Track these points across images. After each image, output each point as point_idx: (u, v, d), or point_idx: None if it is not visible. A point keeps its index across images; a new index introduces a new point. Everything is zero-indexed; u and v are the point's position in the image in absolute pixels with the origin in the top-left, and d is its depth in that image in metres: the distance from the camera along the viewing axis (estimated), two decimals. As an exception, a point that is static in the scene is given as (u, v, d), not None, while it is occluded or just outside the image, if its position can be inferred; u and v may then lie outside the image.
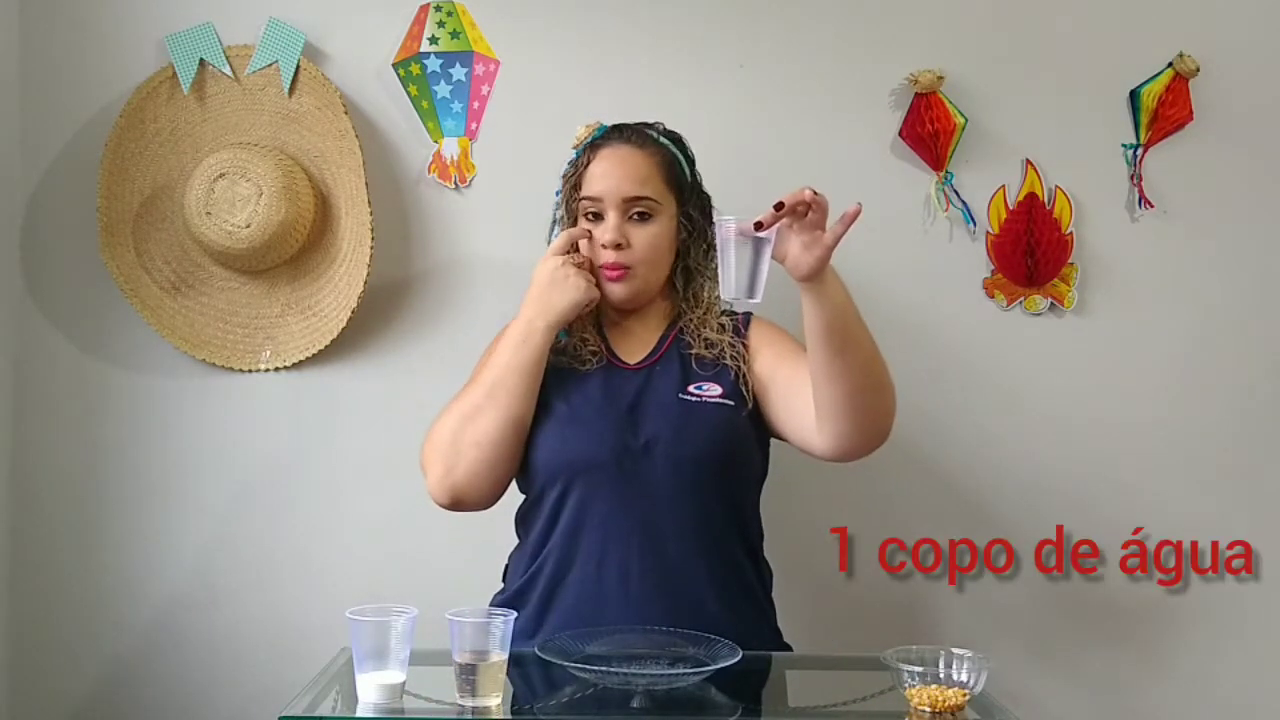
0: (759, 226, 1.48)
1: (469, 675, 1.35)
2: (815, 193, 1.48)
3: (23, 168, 2.13)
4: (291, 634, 2.11)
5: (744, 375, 1.73)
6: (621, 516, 1.65)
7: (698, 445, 1.67)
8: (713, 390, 1.71)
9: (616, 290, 1.74)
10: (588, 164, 1.75)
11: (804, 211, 1.48)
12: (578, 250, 1.73)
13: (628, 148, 1.76)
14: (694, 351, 1.74)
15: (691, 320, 1.78)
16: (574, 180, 1.76)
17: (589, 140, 1.77)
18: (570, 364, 1.74)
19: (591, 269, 1.73)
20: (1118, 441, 2.16)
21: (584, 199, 1.74)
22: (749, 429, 1.72)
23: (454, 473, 1.67)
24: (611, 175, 1.73)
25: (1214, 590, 2.16)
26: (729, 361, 1.73)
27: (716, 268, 1.80)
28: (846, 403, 1.59)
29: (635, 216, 1.73)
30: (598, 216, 1.74)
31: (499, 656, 1.36)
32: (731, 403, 1.71)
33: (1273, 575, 2.17)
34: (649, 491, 1.65)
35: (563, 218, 1.79)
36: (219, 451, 2.14)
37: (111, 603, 2.14)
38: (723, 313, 1.81)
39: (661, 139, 1.78)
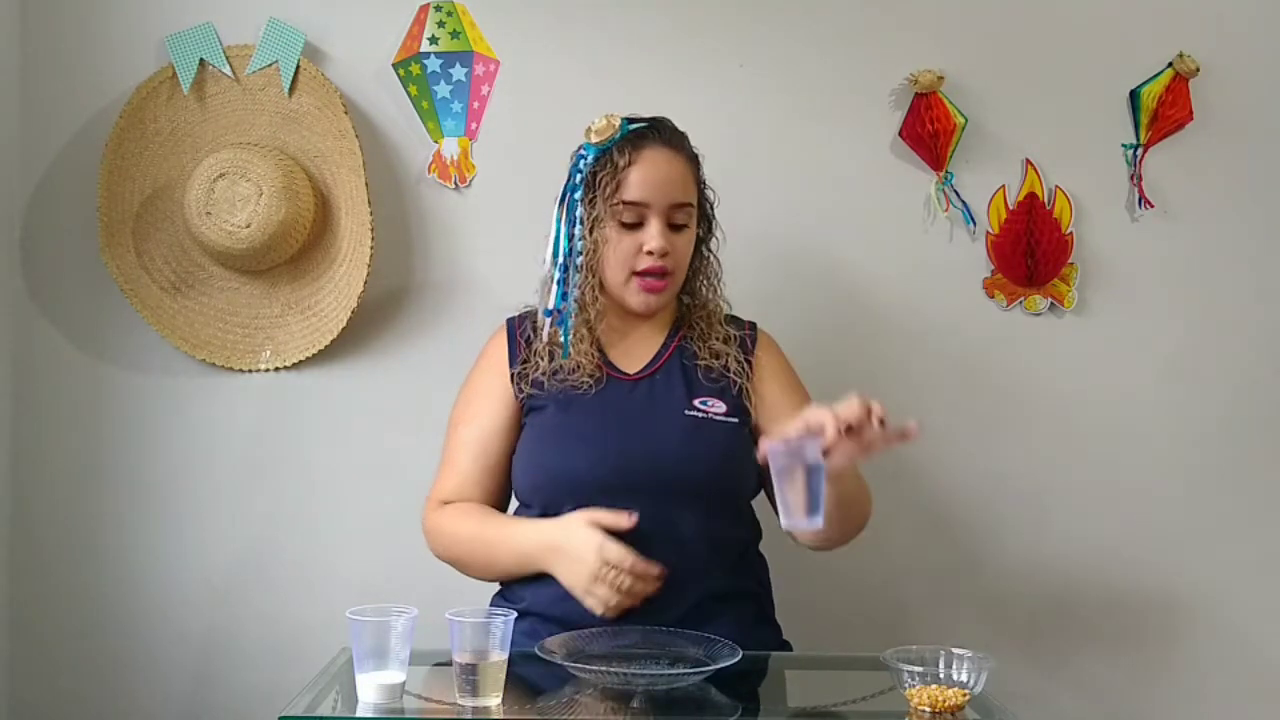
0: (826, 453, 1.41)
1: (469, 675, 1.35)
2: (880, 413, 1.47)
3: (23, 168, 2.13)
4: (291, 634, 2.11)
5: (747, 391, 1.72)
6: (629, 533, 1.60)
7: (703, 465, 1.66)
8: (717, 407, 1.70)
9: (654, 300, 1.71)
10: (629, 165, 1.68)
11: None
12: (623, 573, 1.56)
13: (669, 150, 1.71)
14: (699, 363, 1.73)
15: (696, 326, 1.76)
16: (613, 182, 1.68)
17: (616, 138, 1.70)
18: (567, 381, 1.70)
19: (624, 276, 1.71)
20: (1117, 441, 2.16)
21: (627, 204, 1.68)
22: (749, 445, 1.71)
23: (450, 565, 1.76)
24: (658, 183, 1.69)
25: (1214, 590, 2.16)
26: (733, 375, 1.72)
27: (717, 273, 1.81)
28: (833, 527, 1.61)
29: (673, 226, 1.70)
30: (635, 223, 1.69)
31: (499, 656, 1.36)
32: (735, 420, 1.71)
33: (1273, 575, 2.17)
34: (653, 507, 1.62)
35: (593, 218, 1.69)
36: (219, 451, 2.14)
37: (111, 602, 2.14)
38: (728, 319, 1.80)
39: (686, 141, 1.77)
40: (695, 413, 1.69)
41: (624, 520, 1.57)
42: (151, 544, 2.14)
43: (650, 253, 1.68)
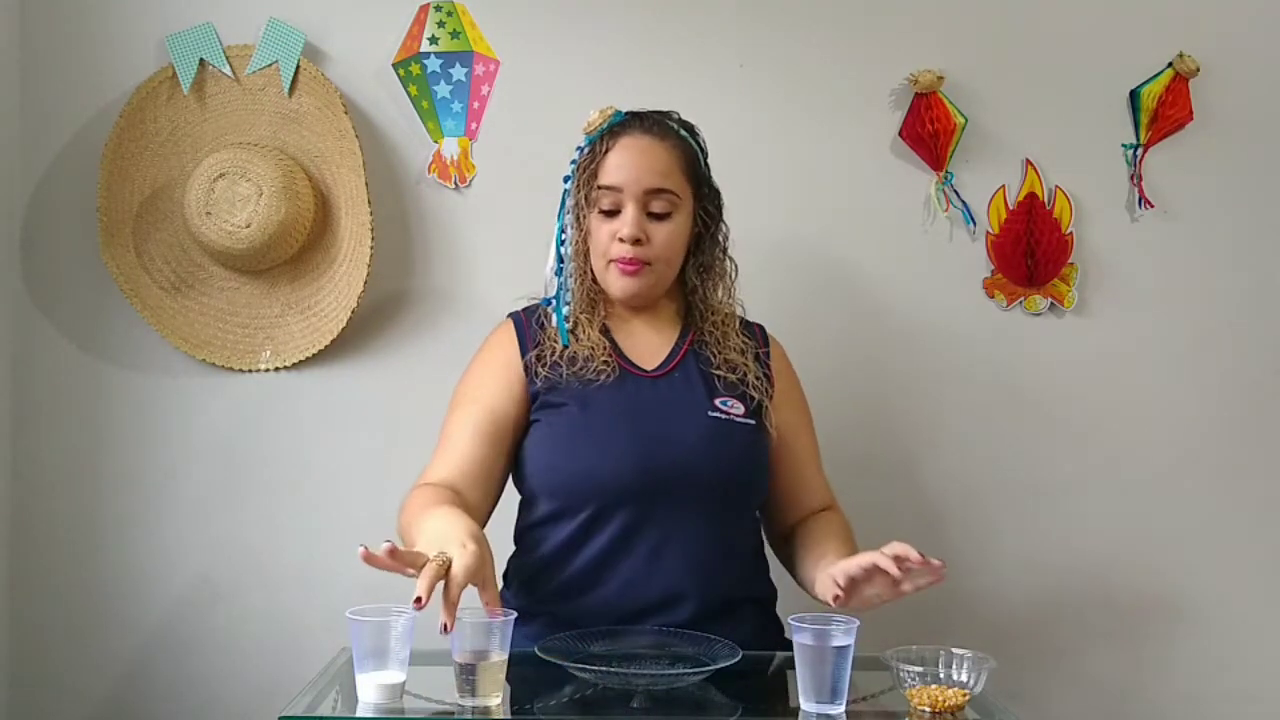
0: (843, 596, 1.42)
1: (469, 675, 1.34)
2: (904, 553, 1.46)
3: (23, 168, 2.13)
4: (291, 634, 2.11)
5: (766, 409, 1.73)
6: (652, 537, 1.61)
7: (729, 467, 1.66)
8: (737, 408, 1.69)
9: (630, 285, 1.69)
10: (606, 151, 1.68)
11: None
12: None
13: (649, 138, 1.69)
14: (716, 371, 1.71)
15: (707, 332, 1.75)
16: (591, 168, 1.68)
17: (605, 127, 1.70)
18: (579, 375, 1.68)
19: (604, 264, 1.70)
20: (1117, 441, 2.16)
21: (602, 188, 1.68)
22: (767, 447, 1.73)
23: None
24: (632, 166, 1.67)
25: (1213, 590, 2.16)
26: (752, 391, 1.71)
27: (729, 274, 1.79)
28: None
29: (654, 214, 1.68)
30: (612, 208, 1.68)
31: (499, 656, 1.36)
32: (753, 422, 1.70)
33: (1273, 575, 2.17)
34: (675, 509, 1.62)
35: (576, 206, 1.70)
36: (219, 451, 2.14)
37: (111, 602, 2.14)
38: (746, 324, 1.80)
39: (680, 130, 1.74)
40: (717, 413, 1.67)
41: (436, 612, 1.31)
42: (151, 544, 2.14)
43: (622, 240, 1.67)
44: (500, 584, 1.78)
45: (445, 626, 1.27)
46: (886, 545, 1.49)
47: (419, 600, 1.26)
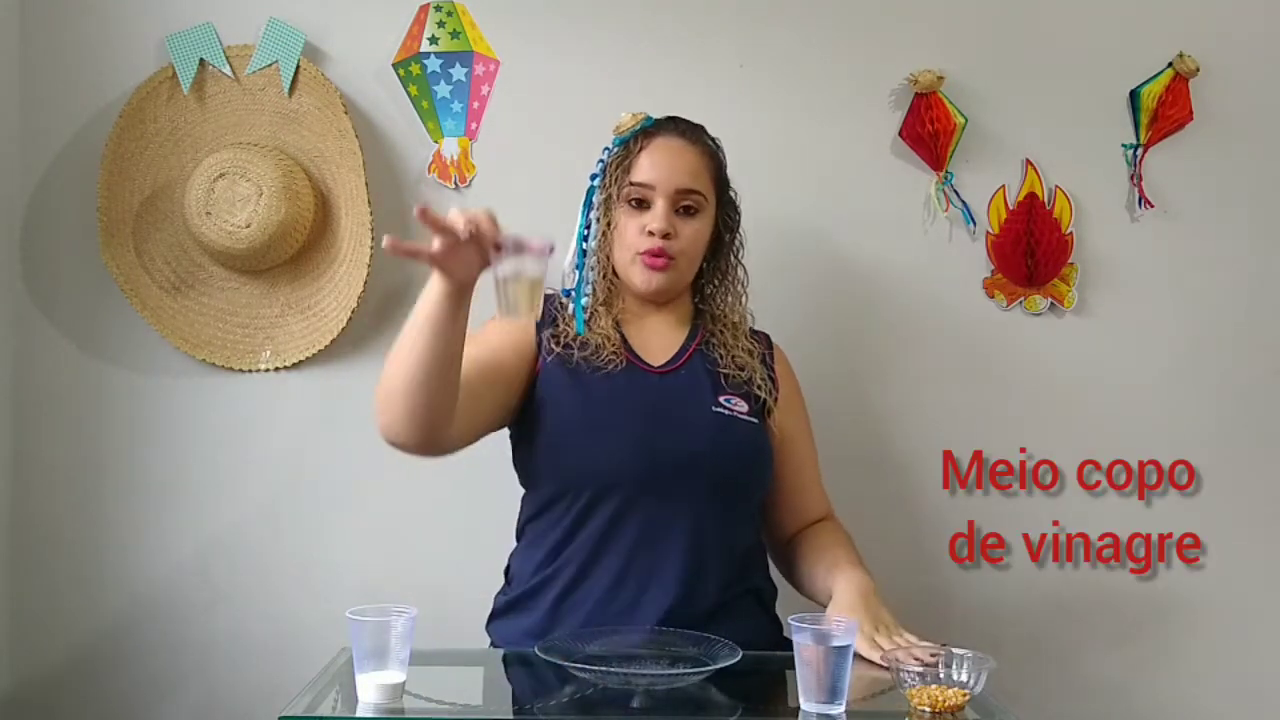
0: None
1: (505, 289, 1.39)
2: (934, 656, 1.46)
3: (23, 168, 2.13)
4: (291, 634, 2.11)
5: (771, 409, 1.76)
6: (648, 525, 1.63)
7: (735, 461, 1.69)
8: (740, 406, 1.72)
9: (655, 279, 1.73)
10: (640, 150, 1.75)
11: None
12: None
13: (682, 140, 1.77)
14: (723, 370, 1.75)
15: (717, 334, 1.79)
16: (624, 164, 1.75)
17: (639, 128, 1.77)
18: (589, 360, 1.70)
19: (630, 257, 1.73)
20: (1117, 441, 2.16)
21: (634, 185, 1.73)
22: (770, 443, 1.75)
23: (382, 415, 1.58)
24: (665, 165, 1.74)
25: (1217, 590, 2.16)
26: (757, 390, 1.75)
27: (742, 281, 1.84)
28: None
29: (682, 210, 1.74)
30: (641, 204, 1.73)
31: (533, 274, 1.40)
32: (756, 421, 1.73)
33: (1273, 575, 2.17)
34: (678, 502, 1.64)
35: (605, 200, 1.76)
36: (219, 451, 2.14)
37: (112, 603, 2.14)
38: (753, 331, 1.84)
39: (708, 140, 1.81)
40: (721, 410, 1.70)
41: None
42: (151, 544, 2.14)
43: (651, 233, 1.71)
44: (502, 579, 1.79)
45: (496, 247, 1.39)
46: (901, 643, 1.52)
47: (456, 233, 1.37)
